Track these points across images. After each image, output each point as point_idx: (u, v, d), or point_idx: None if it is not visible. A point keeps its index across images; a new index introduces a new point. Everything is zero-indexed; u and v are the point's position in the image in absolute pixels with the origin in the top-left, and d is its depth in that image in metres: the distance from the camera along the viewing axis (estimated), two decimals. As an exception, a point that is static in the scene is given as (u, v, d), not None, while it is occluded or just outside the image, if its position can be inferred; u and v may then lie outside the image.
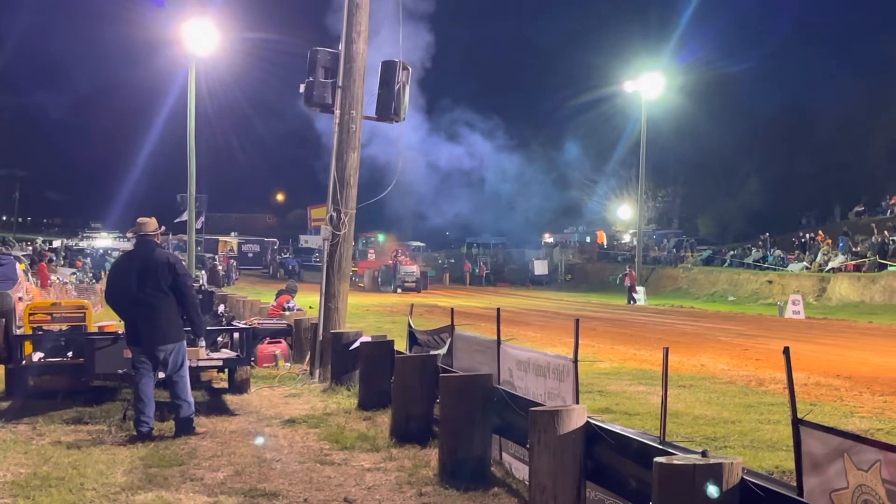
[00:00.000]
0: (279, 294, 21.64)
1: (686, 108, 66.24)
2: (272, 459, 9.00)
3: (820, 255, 47.56)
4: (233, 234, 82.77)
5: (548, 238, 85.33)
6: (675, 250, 64.32)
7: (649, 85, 54.38)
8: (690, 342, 22.02)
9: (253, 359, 15.10)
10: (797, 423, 4.72)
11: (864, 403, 12.59)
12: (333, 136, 14.82)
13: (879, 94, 62.44)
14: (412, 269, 58.54)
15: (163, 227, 10.84)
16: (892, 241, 44.79)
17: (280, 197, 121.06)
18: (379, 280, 58.31)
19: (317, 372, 14.57)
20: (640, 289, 48.02)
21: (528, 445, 6.52)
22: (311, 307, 20.56)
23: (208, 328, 12.47)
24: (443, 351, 10.76)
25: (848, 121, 64.76)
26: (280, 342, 16.82)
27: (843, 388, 14.04)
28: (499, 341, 9.04)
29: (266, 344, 16.65)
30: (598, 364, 16.67)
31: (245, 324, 15.58)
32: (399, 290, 55.27)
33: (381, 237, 67.37)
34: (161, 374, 10.42)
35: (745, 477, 4.66)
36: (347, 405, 12.01)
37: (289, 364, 16.33)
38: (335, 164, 14.76)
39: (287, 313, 19.13)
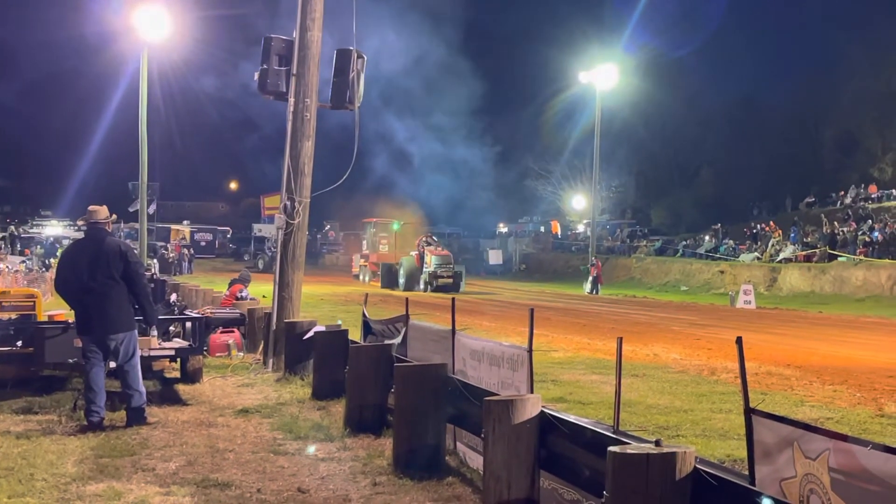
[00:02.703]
0: (232, 283, 21.48)
1: (640, 100, 66.65)
2: (225, 449, 8.93)
3: (771, 245, 48.08)
4: (185, 222, 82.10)
5: (502, 228, 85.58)
6: (628, 240, 64.74)
7: (603, 76, 54.58)
8: (643, 332, 22.16)
9: (206, 348, 14.97)
10: (749, 412, 4.75)
11: (815, 392, 12.73)
12: (287, 124, 14.73)
13: (830, 88, 63.16)
14: (446, 259, 45.63)
15: (114, 216, 10.71)
16: (842, 232, 45.38)
17: (233, 185, 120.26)
18: (401, 276, 46.10)
19: (270, 361, 14.49)
20: (592, 279, 48.24)
21: (482, 435, 6.51)
22: (264, 296, 20.45)
23: (160, 317, 12.35)
24: (397, 340, 10.74)
25: (799, 113, 65.48)
26: (233, 331, 16.70)
27: (793, 377, 14.19)
28: (453, 331, 9.03)
29: (219, 333, 16.51)
30: (552, 353, 16.74)
31: (198, 313, 15.46)
32: (430, 289, 43.74)
33: (395, 225, 55.07)
34: (112, 364, 10.29)
35: (697, 466, 4.68)
36: (301, 395, 11.96)
37: (242, 353, 16.23)
38: (289, 152, 14.67)
39: (240, 302, 19.01)
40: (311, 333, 12.88)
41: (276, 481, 7.75)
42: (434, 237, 50.53)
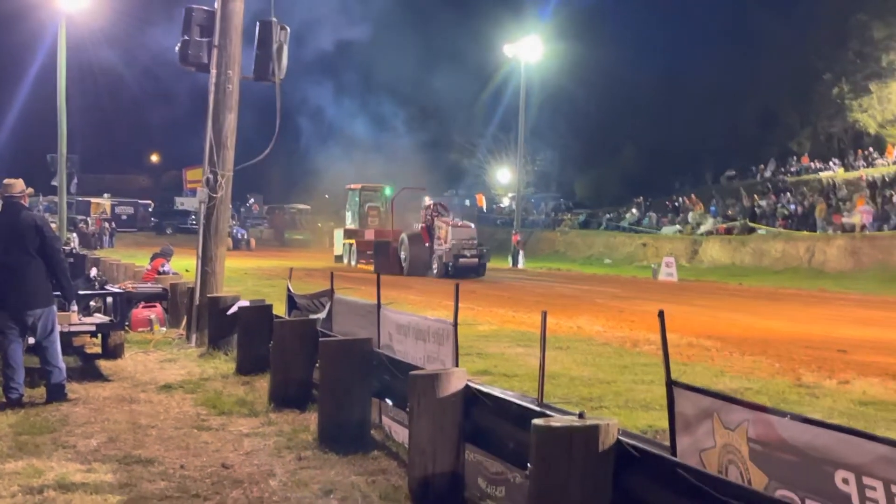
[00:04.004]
0: (154, 257, 21.22)
1: (565, 73, 66.89)
2: (147, 426, 8.84)
3: (692, 218, 48.76)
4: (105, 195, 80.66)
5: (427, 201, 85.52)
6: (552, 213, 65.13)
7: (528, 49, 54.66)
8: (567, 304, 22.35)
9: (127, 323, 14.84)
10: (671, 384, 4.81)
11: (734, 364, 12.95)
12: (210, 96, 14.53)
13: (751, 63, 63.98)
14: (469, 233, 36.20)
15: (30, 189, 10.47)
16: (761, 205, 46.19)
17: (155, 158, 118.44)
18: (404, 257, 37.28)
19: (193, 336, 14.35)
20: (513, 250, 48.42)
21: (408, 409, 6.52)
22: (186, 270, 20.22)
23: (80, 292, 12.16)
24: (322, 315, 10.70)
25: (720, 88, 66.22)
26: (155, 306, 16.52)
27: (713, 348, 14.42)
28: (379, 305, 9.02)
29: (141, 308, 16.33)
30: (477, 327, 16.81)
31: (119, 287, 15.26)
32: (448, 272, 34.56)
33: (388, 190, 45.34)
34: (31, 340, 10.12)
35: (620, 438, 4.73)
36: (225, 370, 11.87)
37: (164, 329, 16.05)
38: (211, 125, 14.47)
39: (162, 277, 18.78)
40: (234, 308, 12.77)
41: (200, 457, 7.69)
42: (445, 206, 40.91)
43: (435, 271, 35.62)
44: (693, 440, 4.73)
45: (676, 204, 54.11)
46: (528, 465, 4.88)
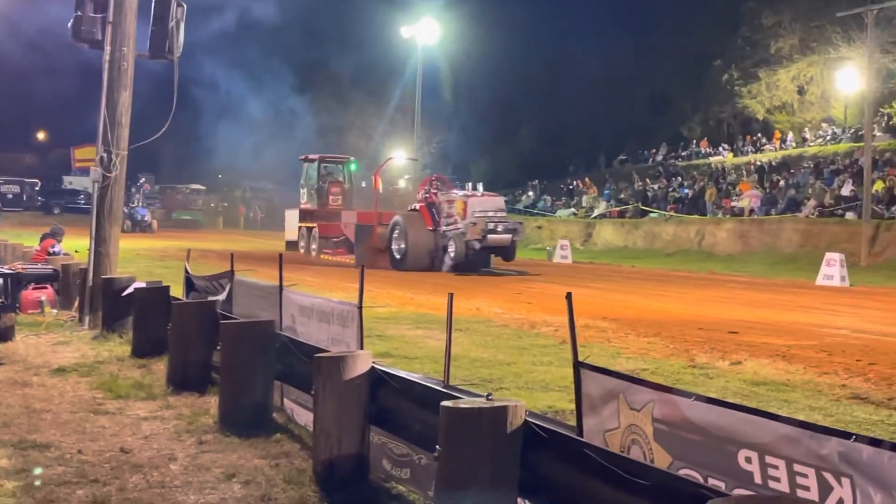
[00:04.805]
0: (43, 238, 20.71)
1: (462, 56, 67.00)
2: (42, 410, 8.63)
3: (586, 201, 49.44)
4: (-11, 174, 78.30)
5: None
6: (449, 196, 65.17)
7: (425, 31, 54.59)
8: (465, 286, 22.45)
9: (17, 305, 14.46)
10: (578, 365, 4.87)
11: (630, 344, 13.17)
12: (104, 73, 14.20)
13: (644, 47, 65.03)
14: (497, 204, 28.91)
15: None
16: (653, 189, 47.04)
17: (41, 136, 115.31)
18: (399, 246, 28.95)
19: (87, 319, 14.06)
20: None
21: (311, 391, 6.49)
22: (77, 251, 19.77)
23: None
24: (222, 297, 10.57)
25: (615, 71, 67.13)
26: (46, 287, 16.12)
27: (609, 329, 14.65)
28: (281, 287, 8.95)
29: (31, 290, 15.92)
30: (377, 309, 16.79)
31: (7, 268, 14.87)
32: (466, 259, 27.44)
33: (353, 165, 39.65)
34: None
35: (528, 419, 4.79)
36: (120, 353, 11.65)
37: (56, 311, 15.68)
38: (105, 103, 14.15)
39: (52, 258, 18.34)
40: (130, 290, 12.54)
41: (98, 441, 7.54)
42: (445, 179, 33.68)
43: (452, 257, 27.44)
44: (599, 421, 4.81)
45: (571, 187, 54.77)
46: (437, 446, 4.90)
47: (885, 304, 19.96)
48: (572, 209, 50.11)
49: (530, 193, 57.07)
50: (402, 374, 6.32)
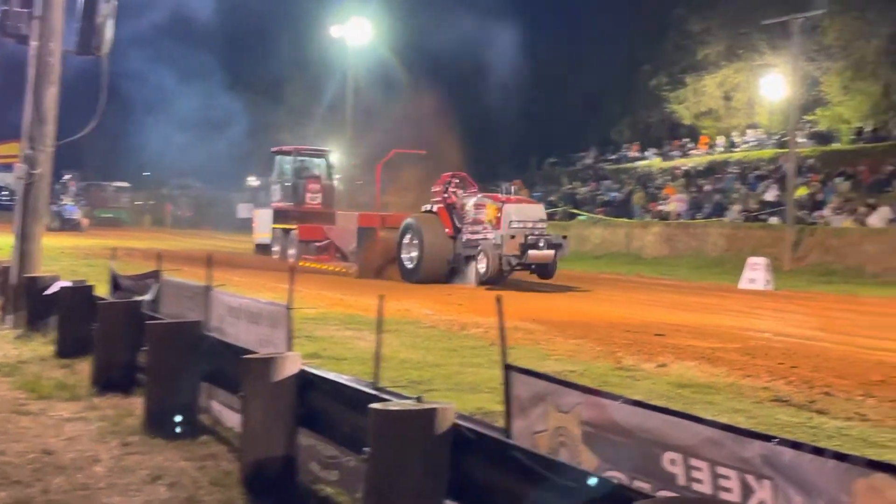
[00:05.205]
0: (-35, 235, 20.30)
1: (393, 56, 66.91)
2: (-39, 411, 8.47)
3: (517, 203, 49.66)
4: None
5: (253, 182, 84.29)
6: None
7: (355, 31, 54.50)
8: (395, 287, 22.43)
9: (-63, 304, 14.16)
10: (507, 368, 4.90)
11: (558, 346, 13.26)
12: (30, 69, 13.97)
13: (575, 50, 65.46)
14: (537, 213, 24.46)
15: None
16: (582, 192, 47.49)
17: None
18: (413, 255, 24.56)
19: (9, 318, 13.80)
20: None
21: (239, 393, 6.45)
22: None
23: None
24: (149, 297, 10.46)
25: (546, 73, 67.50)
26: (-33, 286, 15.79)
27: (538, 331, 14.74)
28: (209, 287, 8.88)
29: (-49, 288, 15.59)
30: (306, 310, 16.70)
31: (-73, 266, 14.55)
32: (501, 276, 23.12)
33: (332, 156, 37.39)
34: None
35: (457, 421, 4.81)
36: (44, 353, 11.45)
37: (-24, 309, 15.37)
38: (31, 98, 13.93)
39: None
40: (54, 289, 12.34)
41: (21, 443, 7.42)
42: (466, 177, 28.00)
43: (482, 273, 22.95)
44: (527, 423, 4.85)
45: (501, 189, 54.95)
46: (365, 449, 4.90)
47: (807, 308, 20.34)
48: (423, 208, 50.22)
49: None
50: (332, 375, 6.31)
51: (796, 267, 31.65)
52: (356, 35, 54.23)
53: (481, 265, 23.07)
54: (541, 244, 22.64)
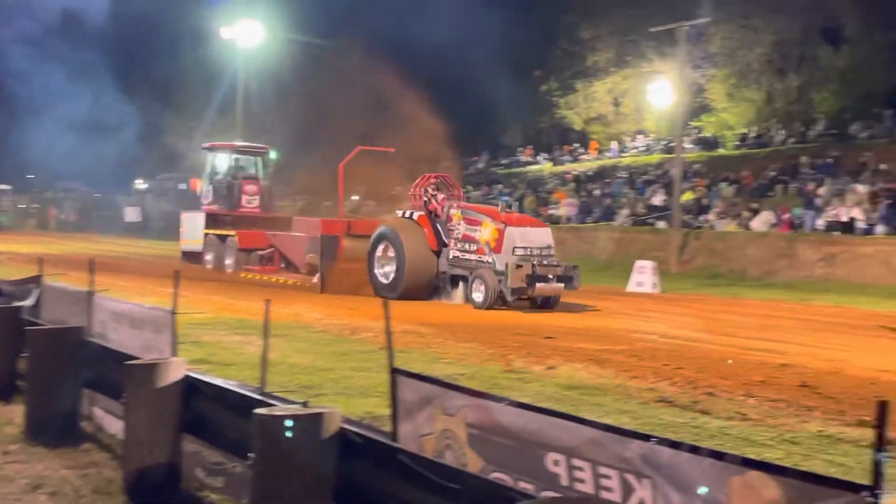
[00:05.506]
0: None
1: (282, 59, 66.39)
2: None
3: (409, 206, 49.78)
4: None
5: (140, 185, 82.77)
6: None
7: (246, 33, 53.97)
8: (287, 292, 22.25)
9: None
10: (394, 372, 4.90)
11: (449, 350, 13.31)
12: None
13: (467, 54, 65.83)
14: (542, 236, 20.42)
15: None
16: (475, 196, 47.82)
17: None
18: (389, 269, 21.46)
19: None
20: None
21: (123, 400, 6.32)
22: None
23: None
24: (29, 302, 10.19)
25: (439, 78, 67.67)
26: None
27: (429, 334, 14.77)
28: (91, 292, 8.69)
29: None
30: (193, 315, 16.44)
31: None
32: (508, 299, 19.24)
33: (272, 154, 34.90)
34: None
35: (343, 426, 4.79)
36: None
37: None
38: None
39: None
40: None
41: None
42: (449, 179, 24.33)
43: (479, 300, 19.47)
44: (414, 426, 4.86)
45: (394, 193, 55.01)
46: (250, 454, 4.85)
47: (693, 311, 20.79)
48: (398, 213, 50.30)
49: (354, 198, 57.02)
50: (217, 381, 6.23)
51: (683, 270, 32.31)
52: (246, 36, 53.66)
53: (477, 294, 19.61)
54: (550, 276, 19.29)
